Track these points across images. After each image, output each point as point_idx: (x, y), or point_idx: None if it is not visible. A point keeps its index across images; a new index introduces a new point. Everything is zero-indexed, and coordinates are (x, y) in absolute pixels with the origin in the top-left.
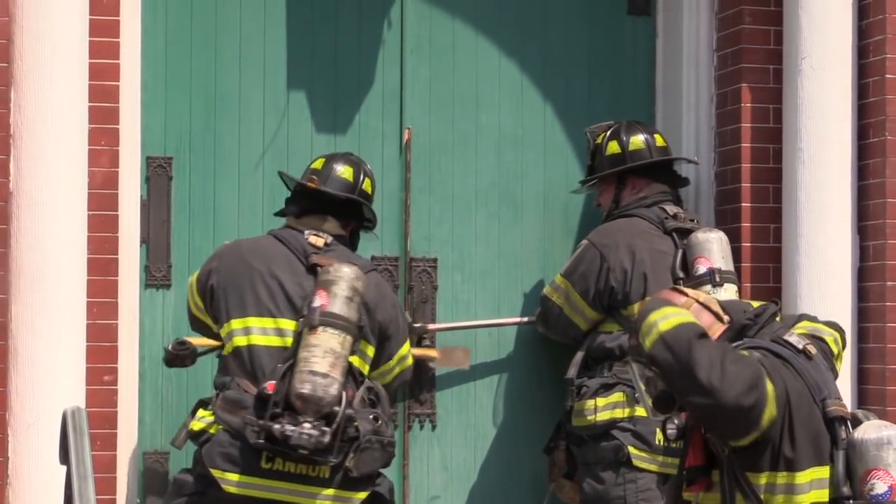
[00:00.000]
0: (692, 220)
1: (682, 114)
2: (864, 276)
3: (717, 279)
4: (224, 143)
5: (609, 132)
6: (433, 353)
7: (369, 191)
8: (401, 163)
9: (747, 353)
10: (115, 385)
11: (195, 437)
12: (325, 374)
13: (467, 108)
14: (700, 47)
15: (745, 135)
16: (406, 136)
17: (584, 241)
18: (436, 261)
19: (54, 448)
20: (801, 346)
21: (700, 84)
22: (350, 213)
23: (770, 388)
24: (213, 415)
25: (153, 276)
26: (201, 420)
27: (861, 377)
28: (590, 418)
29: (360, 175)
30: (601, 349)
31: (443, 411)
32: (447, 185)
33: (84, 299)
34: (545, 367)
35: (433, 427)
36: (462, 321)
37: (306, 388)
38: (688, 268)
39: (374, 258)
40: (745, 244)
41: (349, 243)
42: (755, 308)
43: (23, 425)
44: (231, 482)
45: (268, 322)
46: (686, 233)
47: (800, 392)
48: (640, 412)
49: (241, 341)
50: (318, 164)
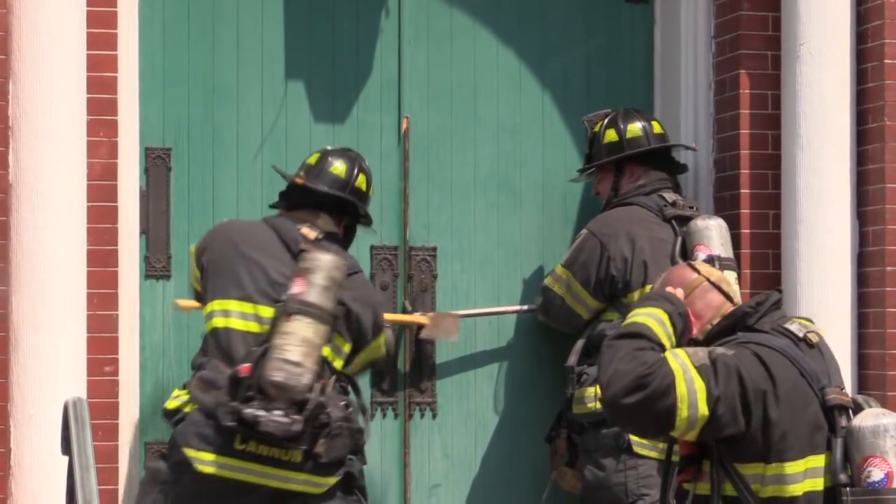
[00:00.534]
0: (691, 208)
1: (681, 101)
2: (864, 261)
3: (717, 266)
4: (222, 133)
5: (606, 120)
6: (423, 320)
7: (363, 188)
8: (399, 152)
9: (706, 352)
10: (116, 376)
11: (170, 416)
12: (297, 363)
13: (465, 96)
14: (698, 34)
15: (744, 121)
16: (404, 126)
17: (584, 231)
18: (435, 249)
19: (56, 439)
20: (801, 335)
21: (698, 71)
22: (342, 209)
23: (684, 391)
24: (188, 394)
25: (153, 267)
26: (176, 399)
27: (861, 362)
28: (590, 406)
29: (355, 171)
30: (602, 337)
31: (443, 400)
32: (446, 173)
33: (84, 290)
34: (545, 355)
35: (434, 415)
36: (461, 310)
37: (279, 377)
38: (687, 255)
39: (373, 247)
40: (745, 231)
41: (343, 239)
42: (757, 296)
43: (24, 416)
44: (205, 461)
45: (248, 307)
46: (685, 220)
47: (793, 382)
48: None
49: (219, 322)
50: (312, 160)
